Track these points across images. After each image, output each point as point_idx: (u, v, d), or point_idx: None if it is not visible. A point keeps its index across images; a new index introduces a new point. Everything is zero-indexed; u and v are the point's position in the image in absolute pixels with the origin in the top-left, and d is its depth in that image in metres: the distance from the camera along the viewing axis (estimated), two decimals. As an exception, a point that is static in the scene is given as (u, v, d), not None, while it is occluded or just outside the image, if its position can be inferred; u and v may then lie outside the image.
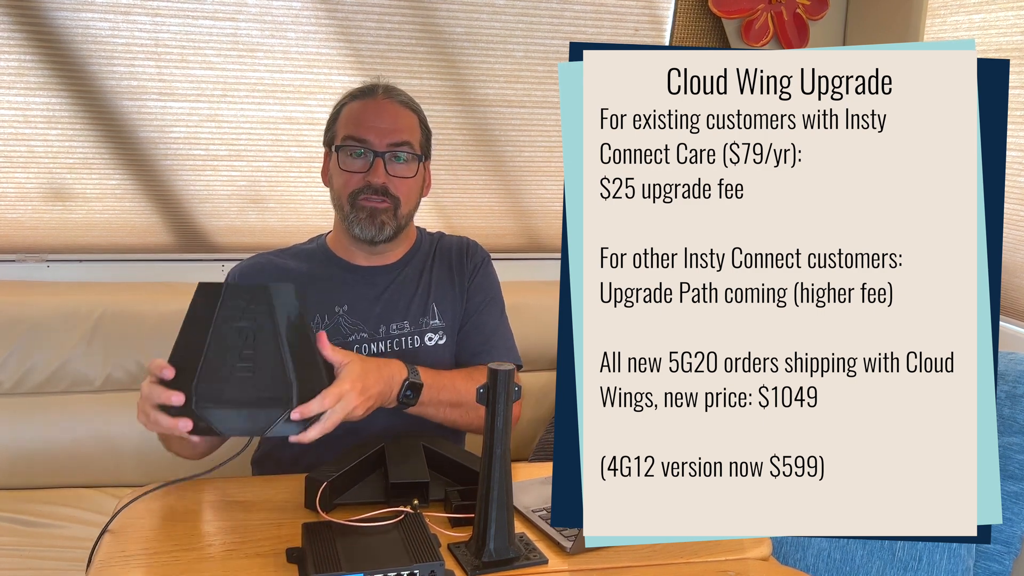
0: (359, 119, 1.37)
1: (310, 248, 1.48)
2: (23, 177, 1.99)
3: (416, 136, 1.40)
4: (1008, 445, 1.56)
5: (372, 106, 1.38)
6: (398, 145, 1.36)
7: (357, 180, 1.36)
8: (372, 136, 1.35)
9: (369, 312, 1.39)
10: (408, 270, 1.45)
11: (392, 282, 1.43)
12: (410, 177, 1.38)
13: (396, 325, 1.39)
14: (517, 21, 2.14)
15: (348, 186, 1.36)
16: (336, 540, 0.96)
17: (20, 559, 1.59)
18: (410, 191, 1.39)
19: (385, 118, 1.37)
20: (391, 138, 1.36)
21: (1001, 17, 1.92)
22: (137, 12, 1.92)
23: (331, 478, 1.09)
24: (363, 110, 1.38)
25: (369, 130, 1.35)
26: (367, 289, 1.41)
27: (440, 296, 1.43)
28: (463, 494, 1.13)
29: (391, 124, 1.37)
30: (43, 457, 1.82)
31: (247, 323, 1.03)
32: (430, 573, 0.92)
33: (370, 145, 1.35)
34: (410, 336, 1.38)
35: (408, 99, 1.42)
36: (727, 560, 1.05)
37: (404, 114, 1.39)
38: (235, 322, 1.03)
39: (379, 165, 1.35)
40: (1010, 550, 1.56)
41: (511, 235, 2.37)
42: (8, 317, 1.84)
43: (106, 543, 1.02)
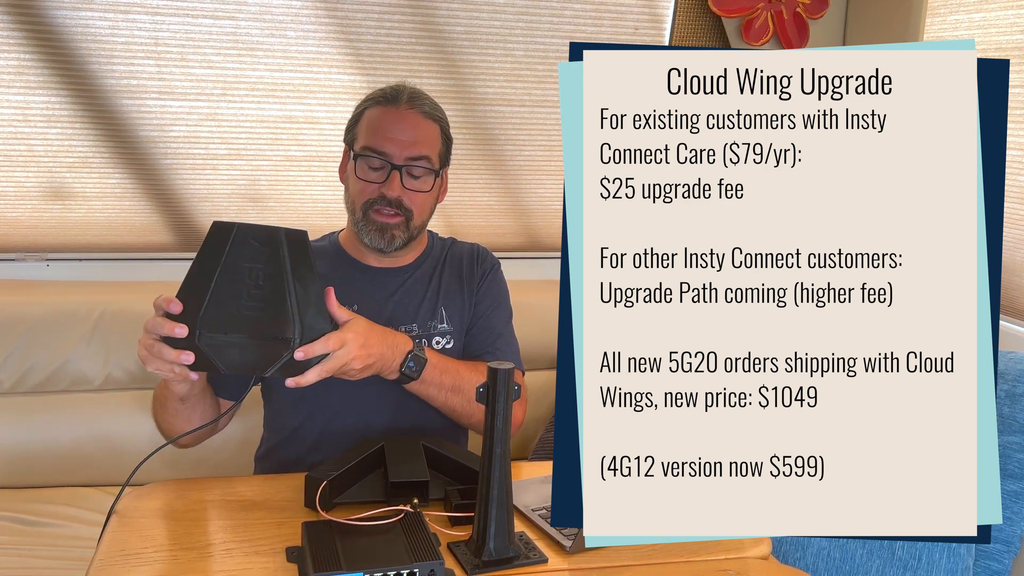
0: (379, 129, 1.35)
1: (322, 245, 1.48)
2: (23, 176, 1.99)
3: (436, 148, 1.38)
4: (1008, 444, 1.56)
5: (394, 115, 1.36)
6: (416, 159, 1.35)
7: (372, 190, 1.35)
8: (391, 148, 1.34)
9: (379, 313, 1.38)
10: (418, 274, 1.45)
11: (402, 285, 1.43)
12: (425, 191, 1.37)
13: (405, 328, 1.39)
14: (517, 20, 2.14)
15: (363, 195, 1.36)
16: (336, 539, 0.96)
17: (20, 558, 1.59)
18: (424, 204, 1.39)
19: (406, 130, 1.35)
20: (410, 151, 1.34)
21: (1001, 16, 1.92)
22: (137, 11, 1.92)
23: (331, 477, 1.09)
24: (385, 119, 1.36)
25: (388, 142, 1.34)
26: (378, 290, 1.42)
27: (448, 301, 1.44)
28: (463, 493, 1.13)
29: (411, 137, 1.35)
30: (43, 457, 1.82)
31: (257, 263, 1.04)
32: (430, 572, 0.92)
33: (388, 157, 1.34)
34: (418, 339, 1.38)
35: (431, 107, 1.40)
36: (727, 559, 1.05)
37: (425, 126, 1.37)
38: (245, 261, 1.04)
39: (395, 178, 1.34)
40: (1010, 549, 1.56)
41: (511, 234, 2.37)
42: (8, 317, 1.84)
43: (106, 542, 1.02)
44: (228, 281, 1.03)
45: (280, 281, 1.04)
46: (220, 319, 1.03)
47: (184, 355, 1.03)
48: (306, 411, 1.37)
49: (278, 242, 1.05)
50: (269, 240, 1.05)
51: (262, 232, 1.05)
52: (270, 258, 1.04)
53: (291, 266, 1.05)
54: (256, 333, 1.04)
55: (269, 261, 1.04)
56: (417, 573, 0.91)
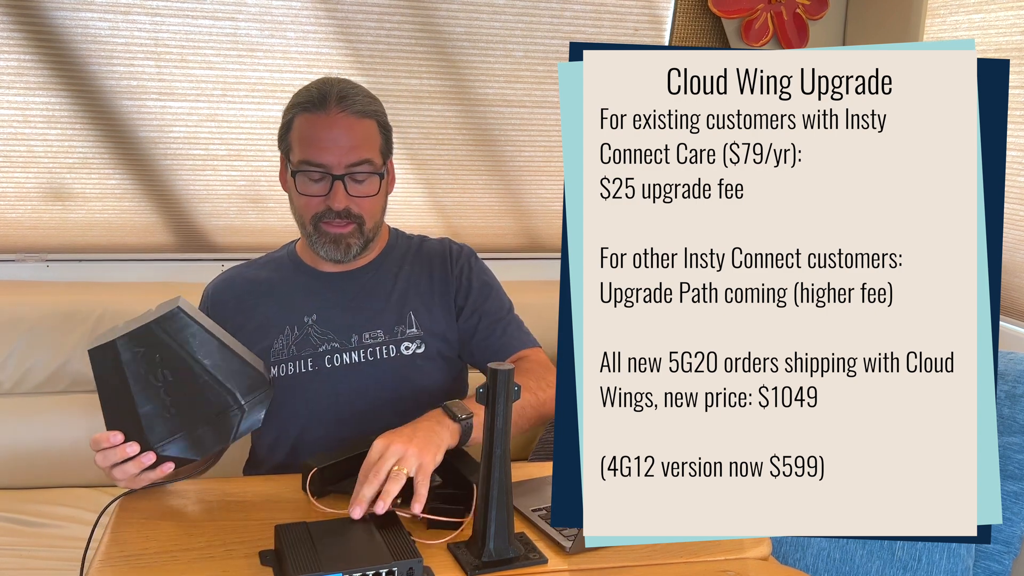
0: (313, 140, 1.28)
1: (279, 256, 1.46)
2: (23, 177, 1.99)
3: (375, 147, 1.31)
4: (1008, 445, 1.56)
5: (325, 122, 1.28)
6: (356, 165, 1.28)
7: (317, 203, 1.30)
8: (328, 159, 1.27)
9: (339, 321, 1.35)
10: (379, 274, 1.40)
11: (362, 287, 1.38)
12: (372, 195, 1.32)
13: (369, 334, 1.35)
14: (517, 21, 2.14)
15: (309, 209, 1.30)
16: (312, 540, 0.96)
17: (19, 559, 1.59)
18: (373, 207, 1.33)
19: (340, 137, 1.27)
20: (348, 158, 1.27)
21: (1001, 17, 1.92)
22: (137, 12, 1.92)
23: (324, 464, 1.11)
24: (316, 127, 1.28)
25: (324, 152, 1.27)
26: (335, 296, 1.37)
27: (417, 304, 1.38)
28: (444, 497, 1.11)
29: (347, 143, 1.27)
30: (43, 457, 1.82)
31: (154, 364, 1.04)
32: (408, 570, 0.92)
33: (328, 169, 1.27)
34: (385, 345, 1.34)
35: (363, 104, 1.31)
36: (727, 560, 1.05)
37: (360, 127, 1.29)
38: (143, 368, 1.04)
39: (339, 189, 1.28)
40: (1010, 550, 1.56)
41: (511, 235, 2.37)
42: (8, 317, 1.84)
43: (104, 543, 1.02)
44: (143, 396, 1.04)
45: (183, 363, 1.05)
46: (161, 428, 1.05)
47: (164, 465, 1.06)
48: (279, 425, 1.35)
49: (155, 335, 1.04)
50: (146, 339, 1.04)
51: (137, 336, 1.04)
52: (160, 352, 1.04)
53: (180, 346, 1.05)
54: (199, 420, 1.07)
55: (162, 355, 1.04)
56: (396, 572, 0.91)
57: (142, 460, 1.05)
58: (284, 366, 1.34)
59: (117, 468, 1.06)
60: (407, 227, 1.52)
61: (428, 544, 1.03)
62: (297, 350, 1.34)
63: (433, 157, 2.22)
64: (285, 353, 1.34)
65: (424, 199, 2.26)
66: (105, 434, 1.05)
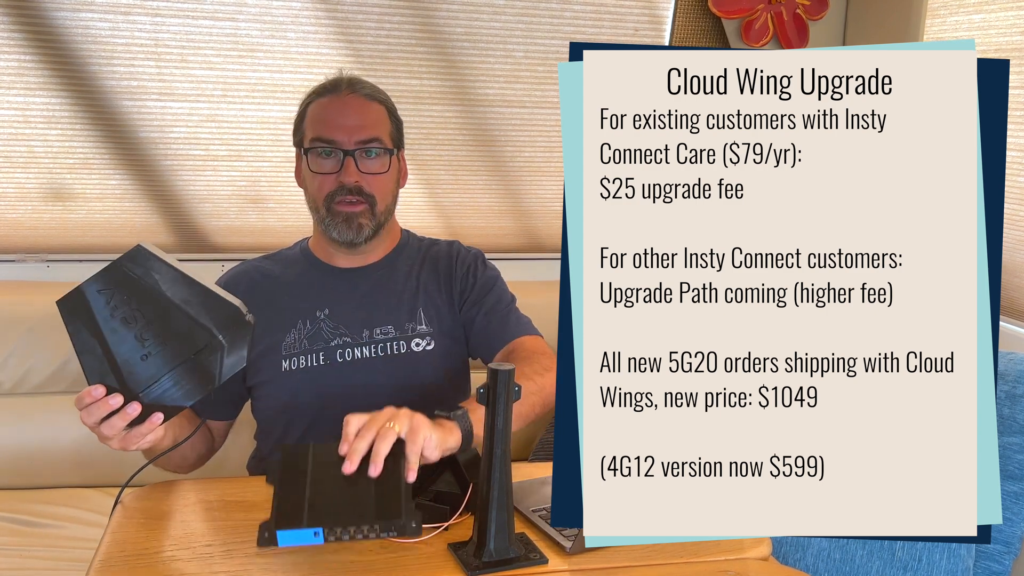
0: (325, 118, 1.33)
1: (292, 253, 1.47)
2: (23, 177, 1.99)
3: (386, 129, 1.36)
4: (1008, 445, 1.56)
5: (337, 103, 1.34)
6: (367, 142, 1.33)
7: (330, 182, 1.33)
8: (340, 135, 1.32)
9: (352, 315, 1.36)
10: (392, 271, 1.42)
11: (375, 283, 1.40)
12: (383, 172, 1.35)
13: (381, 329, 1.36)
14: (517, 21, 2.14)
15: (322, 189, 1.34)
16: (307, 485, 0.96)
17: (20, 559, 1.59)
18: (385, 187, 1.36)
19: (351, 115, 1.33)
20: (360, 135, 1.32)
21: (1001, 17, 1.92)
22: (137, 12, 1.92)
23: None
24: (328, 108, 1.34)
25: (336, 129, 1.32)
26: (348, 291, 1.39)
27: (428, 302, 1.40)
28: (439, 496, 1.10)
29: (358, 120, 1.33)
30: (43, 457, 1.82)
31: (124, 304, 1.01)
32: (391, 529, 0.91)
33: (339, 144, 1.32)
34: (395, 341, 1.36)
35: (373, 90, 1.38)
36: (727, 560, 1.05)
37: (371, 108, 1.35)
38: (115, 312, 1.01)
39: (350, 164, 1.31)
40: (1010, 550, 1.56)
41: (511, 235, 2.37)
42: (8, 317, 1.84)
43: (105, 543, 1.02)
44: (118, 340, 1.01)
45: (153, 300, 1.02)
46: (141, 373, 1.01)
47: (153, 416, 1.02)
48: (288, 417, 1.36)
49: (121, 272, 1.01)
50: (113, 278, 1.01)
51: (103, 277, 1.01)
52: (129, 290, 1.01)
53: (148, 283, 1.02)
54: (179, 360, 1.02)
55: (130, 293, 1.01)
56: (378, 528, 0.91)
57: (127, 412, 1.01)
58: (296, 359, 1.35)
59: (104, 424, 1.02)
60: (407, 227, 1.53)
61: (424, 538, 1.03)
62: (309, 344, 1.35)
63: (433, 157, 2.22)
64: (297, 347, 1.35)
65: (424, 199, 2.27)
66: (87, 389, 1.02)
